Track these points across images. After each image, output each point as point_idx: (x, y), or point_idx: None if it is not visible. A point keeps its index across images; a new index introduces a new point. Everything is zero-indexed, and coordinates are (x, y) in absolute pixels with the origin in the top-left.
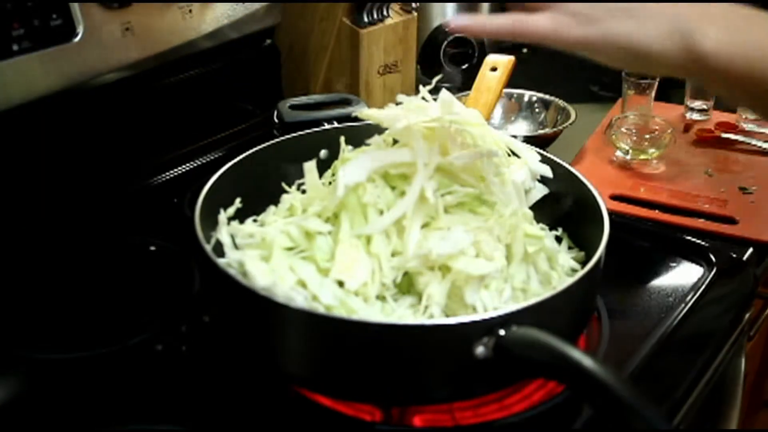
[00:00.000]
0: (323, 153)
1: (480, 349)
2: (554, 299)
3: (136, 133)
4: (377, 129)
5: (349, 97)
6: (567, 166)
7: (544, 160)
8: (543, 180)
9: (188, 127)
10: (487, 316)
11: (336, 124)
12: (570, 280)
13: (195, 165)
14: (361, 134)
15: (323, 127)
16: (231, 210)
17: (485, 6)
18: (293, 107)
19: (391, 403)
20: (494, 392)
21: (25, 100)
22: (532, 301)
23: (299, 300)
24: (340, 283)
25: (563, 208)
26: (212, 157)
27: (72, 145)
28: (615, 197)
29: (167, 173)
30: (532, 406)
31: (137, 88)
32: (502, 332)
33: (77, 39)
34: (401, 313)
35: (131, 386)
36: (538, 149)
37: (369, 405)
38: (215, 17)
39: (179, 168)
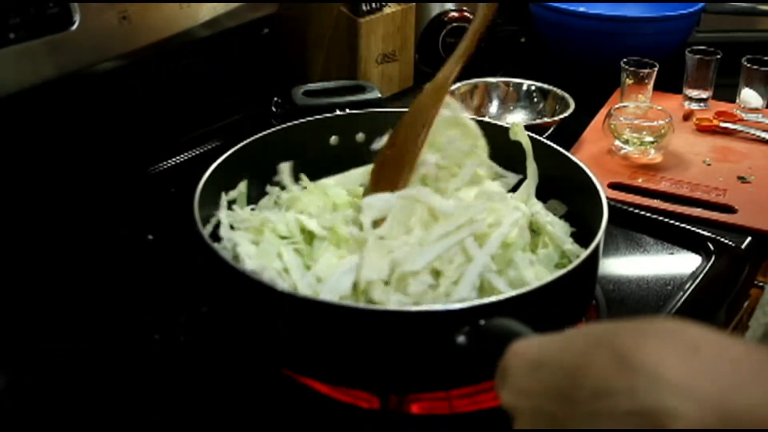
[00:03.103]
0: (333, 139)
1: (461, 338)
2: (539, 291)
3: (133, 122)
4: (388, 117)
5: (362, 84)
6: (568, 154)
7: (544, 146)
8: (542, 170)
9: (185, 116)
10: (466, 305)
11: (348, 111)
12: (555, 274)
13: (193, 155)
14: (371, 121)
15: (334, 114)
16: (233, 193)
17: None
18: (307, 93)
19: (371, 388)
20: (476, 384)
21: (21, 88)
22: (513, 292)
23: (282, 285)
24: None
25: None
26: (210, 147)
27: (68, 134)
28: (613, 186)
29: (164, 163)
30: None
31: (134, 77)
32: (482, 322)
33: (74, 28)
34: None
35: (128, 376)
36: (536, 136)
37: (363, 392)
38: (212, 6)
39: (176, 158)
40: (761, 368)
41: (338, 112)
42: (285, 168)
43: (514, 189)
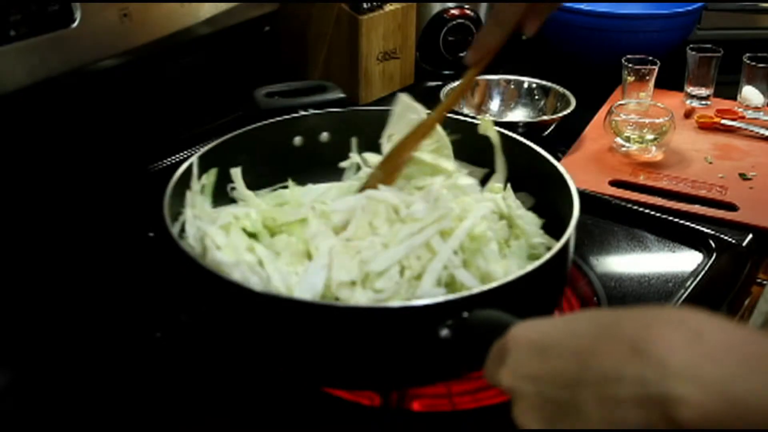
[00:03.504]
0: (297, 140)
1: (444, 332)
2: (517, 282)
3: (135, 119)
4: (352, 116)
5: (324, 84)
6: (537, 148)
7: (513, 141)
8: (513, 164)
9: (186, 114)
10: (450, 298)
11: (312, 111)
12: (533, 265)
13: (193, 152)
14: (335, 121)
15: (297, 114)
16: (198, 185)
17: (483, 6)
18: (269, 94)
19: (360, 387)
20: (460, 376)
21: (22, 86)
22: (495, 283)
23: (254, 280)
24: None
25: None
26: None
27: (69, 131)
28: (615, 183)
29: (165, 160)
30: None
31: (135, 74)
32: (465, 314)
33: (74, 25)
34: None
35: (129, 374)
36: (505, 131)
37: (362, 390)
38: (213, 4)
39: (178, 155)
40: (763, 354)
41: (302, 113)
42: (237, 173)
43: (482, 183)
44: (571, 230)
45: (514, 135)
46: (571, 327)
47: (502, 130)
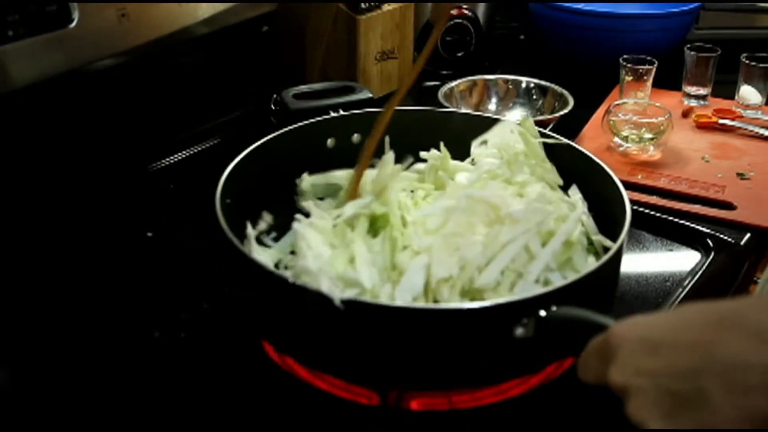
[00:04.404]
0: (330, 141)
1: (520, 330)
2: (590, 277)
3: (132, 119)
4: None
5: (351, 85)
6: (579, 147)
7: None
8: (563, 164)
9: (185, 113)
10: (525, 296)
11: (342, 112)
12: (602, 259)
13: (192, 152)
14: (366, 122)
15: (330, 116)
16: (263, 225)
17: (481, 6)
18: (297, 96)
19: (427, 387)
20: (535, 372)
21: (20, 86)
22: (569, 280)
23: (337, 293)
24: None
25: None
26: (209, 144)
27: (67, 131)
28: None
29: (164, 160)
30: (529, 390)
31: (133, 74)
32: (542, 312)
33: (72, 25)
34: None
35: (128, 373)
36: (546, 131)
37: (364, 389)
38: (211, 3)
39: (176, 155)
40: None
41: (333, 114)
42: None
43: None
44: (627, 225)
45: (560, 137)
46: (682, 321)
47: (542, 129)
